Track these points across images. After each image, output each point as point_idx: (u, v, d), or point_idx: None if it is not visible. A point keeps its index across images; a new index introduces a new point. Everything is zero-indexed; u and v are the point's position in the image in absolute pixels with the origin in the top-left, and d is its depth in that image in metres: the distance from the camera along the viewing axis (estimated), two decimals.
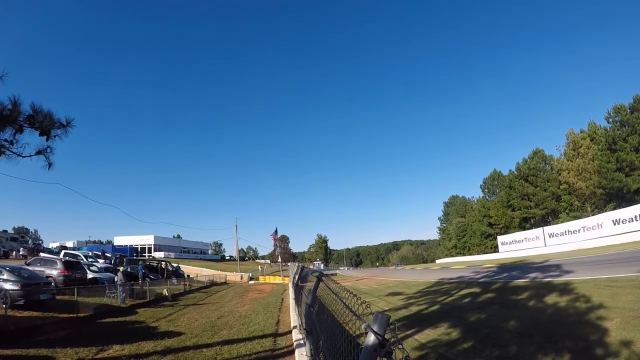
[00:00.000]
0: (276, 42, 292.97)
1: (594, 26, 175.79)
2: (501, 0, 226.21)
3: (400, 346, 1.91)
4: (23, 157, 10.17)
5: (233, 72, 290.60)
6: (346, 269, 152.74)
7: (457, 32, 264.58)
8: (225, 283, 56.80)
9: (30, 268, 23.82)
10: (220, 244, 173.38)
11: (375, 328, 2.04)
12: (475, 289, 19.62)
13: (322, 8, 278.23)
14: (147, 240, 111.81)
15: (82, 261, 34.21)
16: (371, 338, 2.05)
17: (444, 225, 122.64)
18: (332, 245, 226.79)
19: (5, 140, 9.87)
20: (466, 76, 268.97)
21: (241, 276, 67.27)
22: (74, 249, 67.87)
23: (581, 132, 64.74)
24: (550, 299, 13.18)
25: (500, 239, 74.01)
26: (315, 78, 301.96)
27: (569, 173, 62.83)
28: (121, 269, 28.46)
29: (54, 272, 25.06)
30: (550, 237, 56.67)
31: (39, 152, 10.39)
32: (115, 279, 27.50)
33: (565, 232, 53.46)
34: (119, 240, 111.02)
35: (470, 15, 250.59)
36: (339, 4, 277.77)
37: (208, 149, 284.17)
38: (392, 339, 2.03)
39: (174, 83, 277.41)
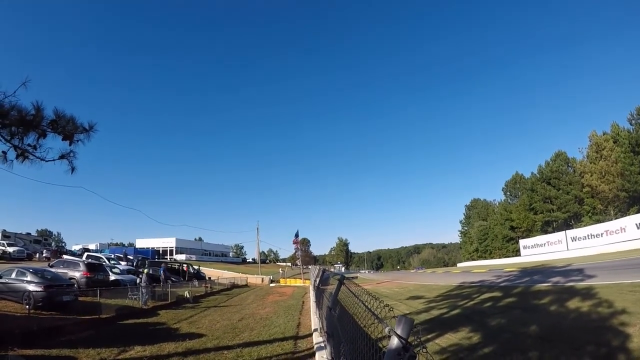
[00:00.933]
0: (301, 46, 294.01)
1: (617, 26, 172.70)
2: (523, 0, 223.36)
3: (424, 350, 1.95)
4: (46, 161, 10.30)
5: (257, 75, 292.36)
6: (367, 272, 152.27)
7: (479, 33, 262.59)
8: (246, 285, 57.06)
9: (53, 270, 24.16)
10: (242, 247, 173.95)
11: (398, 332, 2.08)
12: (497, 293, 19.47)
13: (339, 17, 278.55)
14: (168, 242, 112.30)
15: (104, 263, 34.62)
16: (394, 342, 2.09)
17: (466, 228, 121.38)
18: (353, 248, 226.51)
19: (29, 145, 10.02)
20: (488, 78, 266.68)
21: (262, 279, 67.55)
22: (96, 251, 68.52)
23: (604, 134, 63.61)
24: (572, 303, 13.04)
25: (522, 242, 73.06)
26: (337, 80, 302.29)
27: (591, 176, 61.90)
28: (145, 271, 28.73)
29: (77, 274, 25.44)
30: (572, 241, 55.81)
31: (62, 157, 10.49)
32: (138, 281, 27.89)
33: (588, 235, 52.58)
34: (140, 243, 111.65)
35: (491, 15, 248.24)
36: (353, 10, 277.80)
37: (229, 152, 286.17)
38: (416, 343, 2.08)
39: (196, 86, 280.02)
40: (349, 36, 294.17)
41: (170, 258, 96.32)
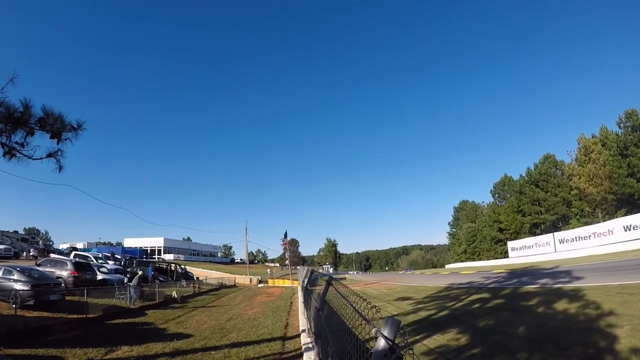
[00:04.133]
0: (285, 48, 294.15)
1: (606, 30, 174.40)
2: (512, 3, 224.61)
3: (410, 351, 1.92)
4: (34, 159, 10.18)
5: (243, 75, 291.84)
6: (355, 273, 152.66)
7: (468, 36, 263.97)
8: (234, 286, 56.99)
9: (40, 269, 23.99)
10: (230, 247, 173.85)
11: (385, 333, 2.06)
12: (485, 295, 19.54)
13: (335, 16, 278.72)
14: (156, 242, 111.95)
15: (92, 262, 34.38)
16: (381, 343, 2.07)
17: (454, 230, 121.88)
18: (341, 249, 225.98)
19: (17, 142, 9.90)
20: (476, 80, 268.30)
21: (250, 279, 67.55)
22: (84, 250, 68.23)
23: (593, 137, 63.97)
24: (560, 305, 13.10)
25: (511, 244, 73.58)
26: (325, 81, 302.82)
27: (580, 178, 62.27)
28: (140, 273, 28.58)
29: (64, 273, 25.24)
30: (560, 243, 56.22)
31: (49, 155, 10.38)
32: (126, 281, 27.83)
33: (576, 238, 53.03)
34: (128, 242, 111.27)
35: (480, 18, 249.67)
36: (352, 11, 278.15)
37: (218, 152, 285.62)
38: (403, 344, 2.05)
39: (185, 85, 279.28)
40: (337, 36, 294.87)
41: (158, 258, 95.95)
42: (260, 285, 61.93)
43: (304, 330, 13.13)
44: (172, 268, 50.38)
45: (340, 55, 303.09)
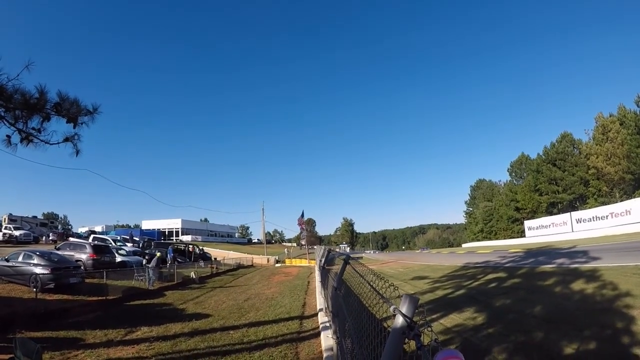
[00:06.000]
0: (304, 27, 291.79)
1: (623, 9, 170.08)
2: None
3: (429, 329, 1.95)
4: (51, 144, 10.28)
5: (261, 55, 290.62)
6: (372, 252, 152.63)
7: (487, 13, 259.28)
8: (251, 266, 57.29)
9: (60, 252, 24.24)
10: (247, 227, 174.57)
11: (403, 310, 2.08)
12: (501, 274, 19.48)
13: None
14: (174, 223, 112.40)
15: (110, 245, 34.77)
16: (399, 320, 2.09)
17: (471, 209, 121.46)
18: (358, 228, 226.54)
19: (33, 128, 10.00)
20: (494, 58, 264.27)
21: (268, 259, 67.72)
22: (102, 233, 68.79)
23: (611, 116, 63.05)
24: (577, 285, 13.03)
25: (527, 223, 73.05)
26: (341, 60, 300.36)
27: (597, 158, 61.52)
28: (158, 254, 28.88)
29: (83, 256, 25.53)
30: (577, 222, 55.73)
31: (66, 140, 10.47)
32: (145, 262, 28.17)
33: (593, 217, 52.50)
34: (146, 224, 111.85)
35: None
36: None
37: (236, 132, 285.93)
38: (421, 322, 2.08)
39: (203, 65, 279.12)
40: (356, 16, 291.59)
41: (176, 239, 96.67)
42: (277, 265, 62.09)
43: (321, 309, 13.26)
44: (190, 249, 50.76)
45: (360, 34, 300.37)
